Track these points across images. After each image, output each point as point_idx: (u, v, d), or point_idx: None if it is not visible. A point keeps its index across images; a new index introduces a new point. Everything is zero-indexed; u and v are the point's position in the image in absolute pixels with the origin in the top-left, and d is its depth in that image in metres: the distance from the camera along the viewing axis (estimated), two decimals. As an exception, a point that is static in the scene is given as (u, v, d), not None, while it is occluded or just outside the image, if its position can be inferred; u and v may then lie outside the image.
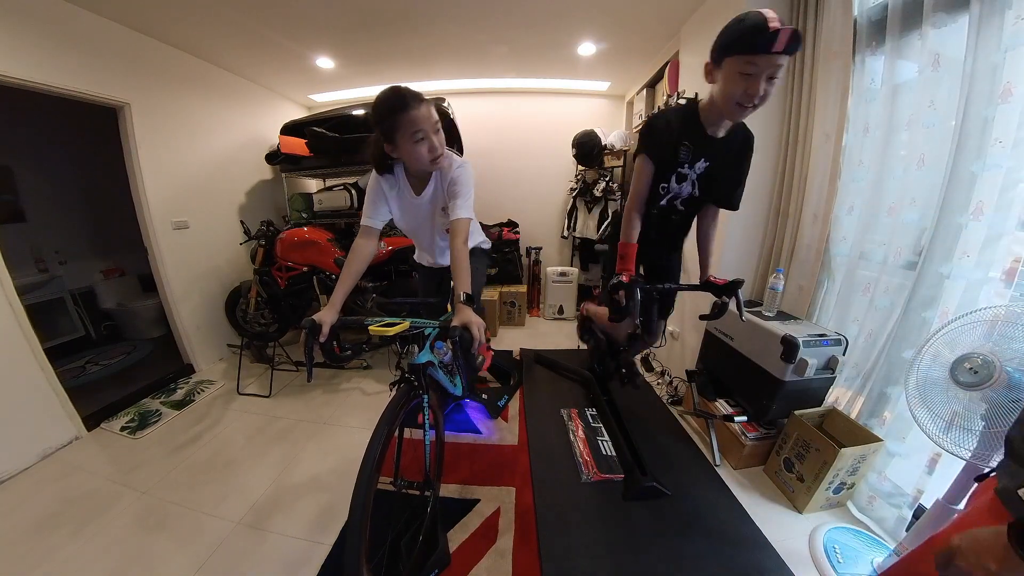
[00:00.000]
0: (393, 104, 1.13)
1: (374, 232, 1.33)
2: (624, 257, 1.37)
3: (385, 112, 1.14)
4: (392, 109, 1.13)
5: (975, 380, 0.94)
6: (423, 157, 1.20)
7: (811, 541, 1.41)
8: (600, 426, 2.07)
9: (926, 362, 1.07)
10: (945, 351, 1.04)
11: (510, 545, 1.40)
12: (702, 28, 2.22)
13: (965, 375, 0.96)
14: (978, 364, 0.94)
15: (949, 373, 0.99)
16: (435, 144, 1.20)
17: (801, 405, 1.63)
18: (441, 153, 1.23)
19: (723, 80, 1.11)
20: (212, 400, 2.46)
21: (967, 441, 0.98)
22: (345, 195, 3.13)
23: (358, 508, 0.95)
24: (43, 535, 1.47)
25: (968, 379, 0.95)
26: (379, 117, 1.16)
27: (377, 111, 1.15)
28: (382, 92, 1.16)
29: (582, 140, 3.46)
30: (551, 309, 3.84)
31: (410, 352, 1.32)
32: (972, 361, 0.95)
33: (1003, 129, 1.16)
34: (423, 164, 1.24)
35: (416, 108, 1.13)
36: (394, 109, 1.13)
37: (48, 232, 3.14)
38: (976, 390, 0.94)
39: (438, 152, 1.22)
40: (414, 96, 1.14)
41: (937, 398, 1.03)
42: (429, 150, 1.19)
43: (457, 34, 2.58)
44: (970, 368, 0.95)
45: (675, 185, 1.40)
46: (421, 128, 1.15)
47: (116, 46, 2.24)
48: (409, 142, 1.17)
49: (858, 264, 1.63)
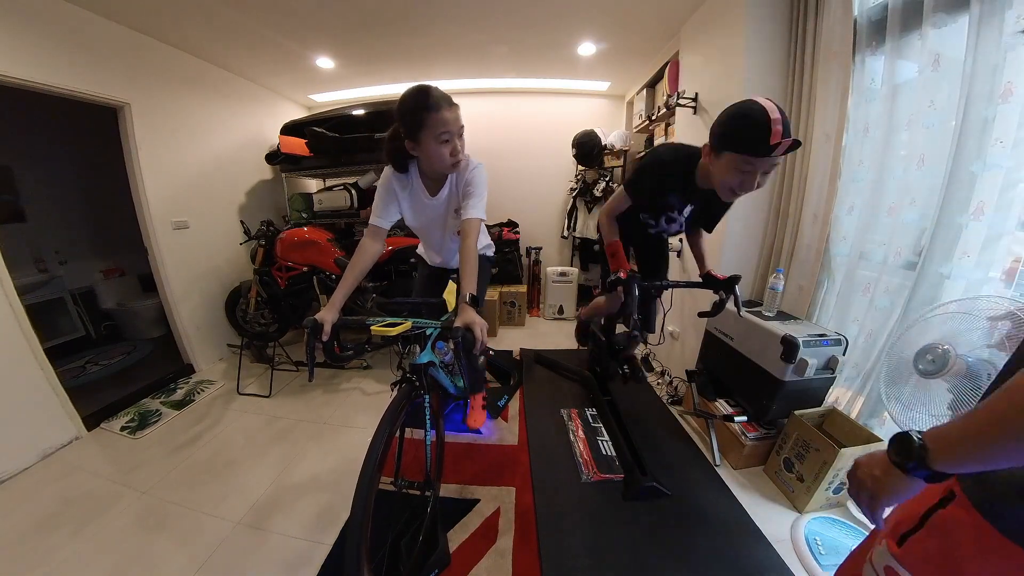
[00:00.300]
0: (424, 102, 1.12)
1: (382, 232, 1.32)
2: (615, 255, 1.43)
3: (413, 109, 1.14)
4: (422, 107, 1.13)
5: (933, 369, 1.01)
6: (445, 159, 1.21)
7: (792, 534, 1.43)
8: (600, 426, 2.07)
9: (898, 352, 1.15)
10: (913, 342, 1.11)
11: (510, 545, 1.40)
12: (702, 28, 2.22)
13: (925, 364, 1.03)
14: (937, 354, 1.01)
15: (912, 363, 1.06)
16: (457, 147, 1.21)
17: (801, 405, 1.63)
18: (462, 157, 1.24)
19: (721, 168, 1.14)
20: (212, 400, 2.45)
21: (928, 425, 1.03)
22: (345, 195, 3.13)
23: (359, 508, 0.95)
24: (43, 535, 1.47)
25: (927, 368, 1.02)
26: (405, 113, 1.15)
27: (404, 106, 1.15)
28: (412, 88, 1.15)
29: (582, 140, 3.46)
30: (551, 309, 3.84)
31: (411, 352, 1.32)
32: (933, 351, 1.02)
33: (1003, 129, 1.16)
34: (443, 165, 1.25)
35: (448, 109, 1.14)
36: (425, 107, 1.12)
37: (48, 232, 3.14)
38: (933, 378, 1.01)
39: (459, 156, 1.23)
40: (445, 98, 1.15)
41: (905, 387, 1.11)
42: (452, 152, 1.20)
43: (457, 34, 2.58)
44: (930, 359, 1.02)
45: (664, 225, 1.52)
46: (448, 130, 1.16)
47: (116, 46, 2.24)
48: (434, 142, 1.17)
49: (858, 264, 1.63)
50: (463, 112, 1.22)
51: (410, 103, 1.14)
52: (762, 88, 1.89)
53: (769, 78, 1.90)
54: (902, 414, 1.08)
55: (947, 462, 0.48)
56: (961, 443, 0.47)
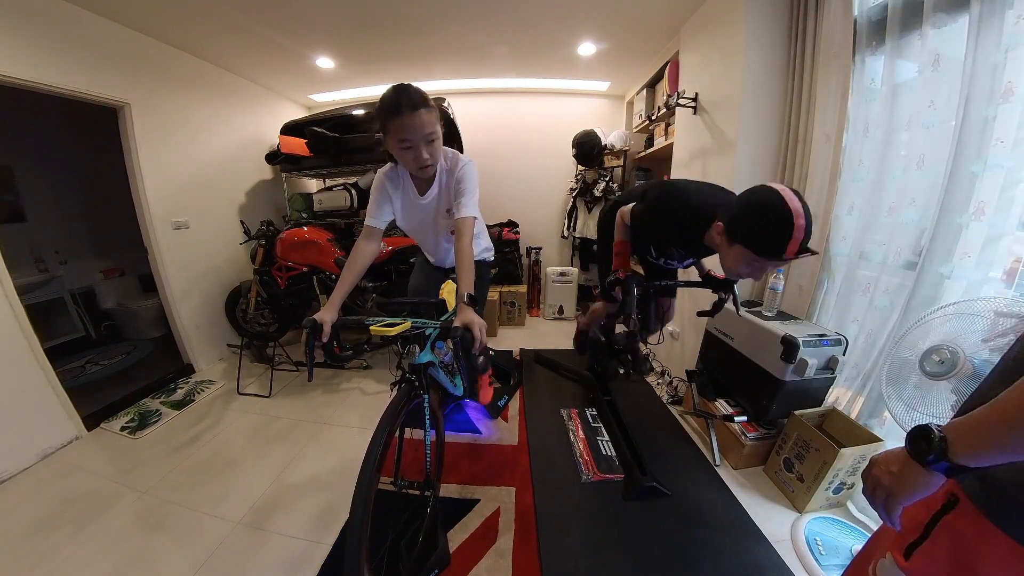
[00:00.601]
0: (386, 107, 1.11)
1: (377, 233, 1.31)
2: (620, 255, 1.43)
3: (379, 110, 1.13)
4: (384, 111, 1.12)
5: (941, 370, 0.98)
6: (409, 164, 1.21)
7: (792, 534, 1.43)
8: (600, 426, 2.07)
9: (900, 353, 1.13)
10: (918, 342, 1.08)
11: (510, 545, 1.40)
12: (702, 28, 2.22)
13: (933, 366, 1.00)
14: (945, 356, 0.98)
15: (918, 365, 1.04)
16: (422, 155, 1.16)
17: (801, 405, 1.63)
18: (430, 164, 1.21)
19: (731, 257, 1.11)
20: (212, 400, 2.45)
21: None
22: (345, 195, 3.13)
23: (359, 508, 0.95)
24: (43, 535, 1.47)
25: (935, 369, 0.99)
26: (376, 113, 1.15)
27: (377, 106, 1.15)
28: (387, 91, 1.13)
29: (582, 140, 3.46)
30: (551, 309, 3.84)
31: (411, 352, 1.32)
32: (940, 353, 0.99)
33: (1003, 129, 1.16)
34: (413, 171, 1.25)
35: (408, 116, 1.10)
36: (386, 112, 1.12)
37: (48, 232, 3.14)
38: (940, 380, 0.98)
39: (425, 163, 1.18)
40: (410, 103, 1.10)
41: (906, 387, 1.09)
42: (415, 159, 1.17)
43: (457, 34, 2.58)
44: (938, 360, 0.99)
45: (665, 262, 1.53)
46: (407, 138, 1.13)
47: (116, 46, 2.24)
48: (396, 147, 1.16)
49: (858, 264, 1.63)
50: (463, 112, 1.22)
51: (379, 106, 1.13)
52: (762, 88, 1.89)
53: (769, 78, 1.90)
54: (905, 414, 1.08)
55: (968, 453, 0.47)
56: (985, 433, 0.46)
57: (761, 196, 1.00)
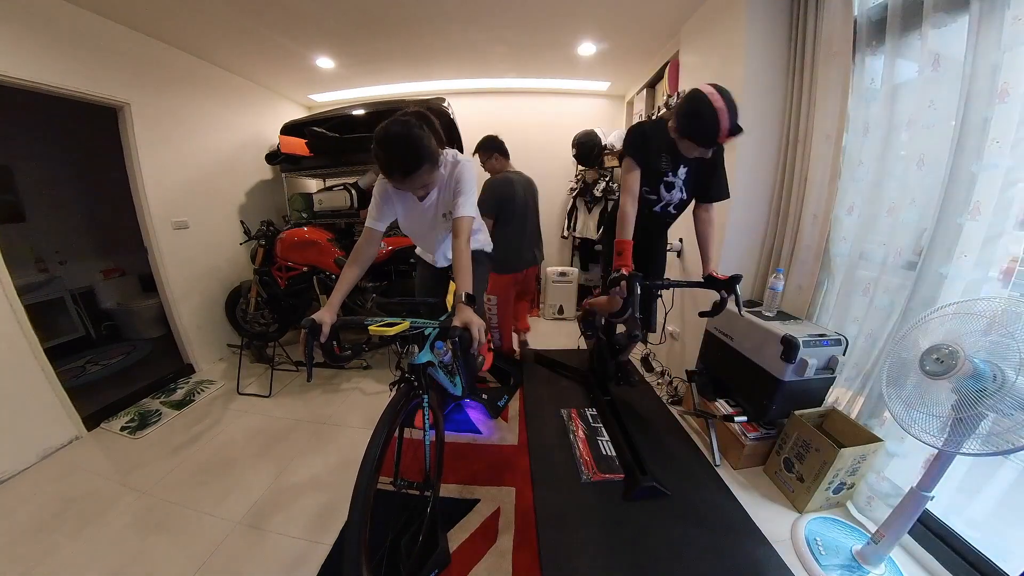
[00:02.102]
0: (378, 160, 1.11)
1: (377, 235, 1.32)
2: (622, 253, 1.44)
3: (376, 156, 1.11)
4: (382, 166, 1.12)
5: (940, 369, 0.98)
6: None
7: (792, 534, 1.43)
8: (600, 426, 2.07)
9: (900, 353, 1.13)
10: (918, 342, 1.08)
11: (510, 545, 1.40)
12: (702, 28, 2.22)
13: (932, 364, 1.00)
14: (945, 355, 0.98)
15: (918, 364, 1.03)
16: (417, 194, 1.29)
17: (801, 405, 1.63)
18: (425, 194, 1.31)
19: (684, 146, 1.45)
20: (212, 400, 2.45)
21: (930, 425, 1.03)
22: (345, 195, 3.13)
23: (358, 508, 0.95)
24: (43, 535, 1.47)
25: (934, 369, 0.99)
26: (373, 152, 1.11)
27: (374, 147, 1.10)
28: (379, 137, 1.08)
29: (582, 140, 3.45)
30: (551, 309, 3.84)
31: (410, 352, 1.32)
32: (940, 352, 0.99)
33: (1002, 129, 1.16)
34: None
35: (397, 182, 1.16)
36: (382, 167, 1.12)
37: (48, 232, 3.14)
38: (940, 379, 0.98)
39: (420, 195, 1.30)
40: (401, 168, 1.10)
41: (908, 388, 1.09)
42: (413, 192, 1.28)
43: (457, 34, 2.58)
44: (937, 358, 0.99)
45: (665, 194, 1.56)
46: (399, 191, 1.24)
47: (116, 46, 2.24)
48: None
49: (858, 264, 1.63)
50: (463, 112, 1.24)
51: (373, 148, 1.10)
52: (762, 88, 1.90)
53: (769, 78, 1.90)
54: (904, 414, 1.08)
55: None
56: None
57: (692, 100, 1.31)
